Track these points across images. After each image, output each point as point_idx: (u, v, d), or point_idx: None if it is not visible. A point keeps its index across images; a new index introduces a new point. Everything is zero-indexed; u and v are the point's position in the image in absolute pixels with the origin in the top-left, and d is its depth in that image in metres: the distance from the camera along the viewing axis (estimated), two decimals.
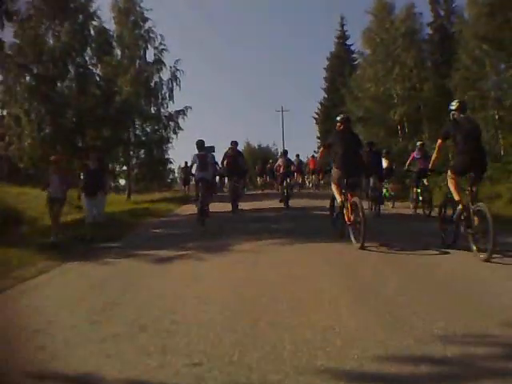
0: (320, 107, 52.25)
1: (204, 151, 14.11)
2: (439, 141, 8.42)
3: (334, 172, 9.50)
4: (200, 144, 14.02)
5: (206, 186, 13.51)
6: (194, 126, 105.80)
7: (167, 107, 28.94)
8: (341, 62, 48.29)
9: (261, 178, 35.71)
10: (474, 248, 7.60)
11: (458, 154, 8.04)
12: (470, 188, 7.84)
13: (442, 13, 33.90)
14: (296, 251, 8.89)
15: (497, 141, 22.43)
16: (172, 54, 42.53)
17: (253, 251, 8.77)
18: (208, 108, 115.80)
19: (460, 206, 7.82)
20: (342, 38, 51.07)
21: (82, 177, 12.47)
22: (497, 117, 22.49)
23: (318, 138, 52.09)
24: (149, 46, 28.81)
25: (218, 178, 27.08)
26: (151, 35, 28.71)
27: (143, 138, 28.29)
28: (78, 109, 22.76)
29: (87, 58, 24.54)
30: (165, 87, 28.95)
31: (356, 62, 45.94)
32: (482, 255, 7.24)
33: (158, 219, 15.61)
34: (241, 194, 17.86)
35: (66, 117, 22.83)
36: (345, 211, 9.10)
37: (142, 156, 28.87)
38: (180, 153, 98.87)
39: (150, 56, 28.85)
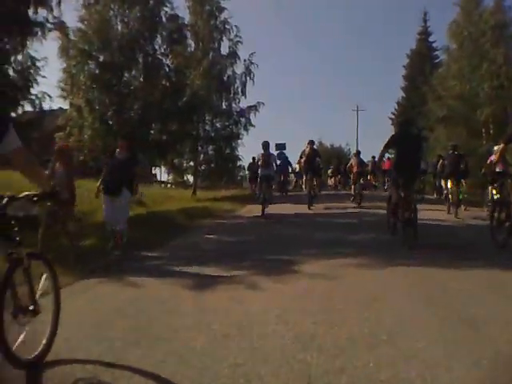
0: (397, 107, 50.01)
1: (268, 152, 15.13)
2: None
3: None
4: (265, 145, 15.06)
5: (268, 184, 14.68)
6: (266, 122, 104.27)
7: (239, 102, 27.70)
8: (422, 60, 46.29)
9: (335, 178, 34.00)
10: None
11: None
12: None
13: None
14: (381, 278, 6.88)
15: None
16: (245, 47, 41.26)
17: (324, 276, 6.75)
18: (281, 105, 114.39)
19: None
20: (425, 34, 48.90)
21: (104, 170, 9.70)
22: None
23: None
24: (224, 37, 27.53)
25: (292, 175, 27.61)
26: (227, 26, 27.34)
27: (212, 134, 27.33)
28: (144, 100, 21.63)
29: (157, 47, 23.35)
30: (238, 81, 27.61)
31: (438, 60, 44.09)
32: None
33: (215, 221, 14.00)
34: (316, 193, 17.84)
35: (132, 108, 21.79)
36: None
37: (211, 152, 27.86)
38: (250, 150, 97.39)
39: (225, 48, 27.65)
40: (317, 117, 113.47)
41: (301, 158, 17.95)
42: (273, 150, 28.45)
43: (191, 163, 27.87)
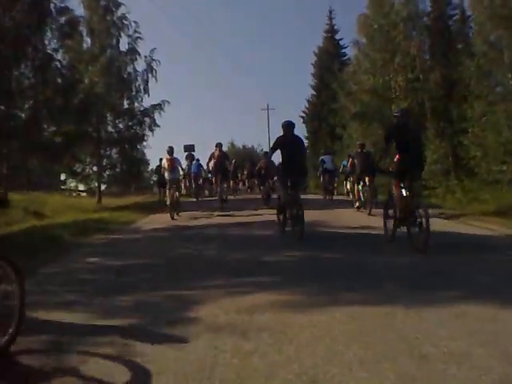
0: (308, 105, 49.31)
1: (173, 156, 15.81)
2: (385, 145, 9.13)
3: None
4: (169, 151, 15.84)
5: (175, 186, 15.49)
6: (174, 123, 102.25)
7: (142, 101, 26.09)
8: (330, 57, 46.20)
9: (249, 181, 32.61)
10: None
11: (399, 156, 8.56)
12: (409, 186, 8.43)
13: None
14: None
15: None
16: (149, 44, 39.20)
17: (232, 333, 4.19)
18: (191, 105, 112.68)
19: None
20: (331, 31, 48.55)
21: None
22: None
23: (306, 137, 49.22)
24: (122, 34, 25.73)
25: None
26: (125, 22, 25.61)
27: (115, 136, 25.38)
28: (34, 99, 19.28)
29: (47, 42, 20.89)
30: (139, 79, 25.97)
31: (346, 58, 44.21)
32: None
33: (109, 236, 11.14)
34: (226, 198, 18.10)
35: (22, 108, 19.42)
36: None
37: (115, 155, 26.01)
38: (158, 152, 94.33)
39: (124, 45, 25.95)
40: (228, 117, 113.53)
41: (209, 161, 17.29)
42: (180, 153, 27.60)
43: (95, 168, 25.60)
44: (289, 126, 10.35)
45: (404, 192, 8.43)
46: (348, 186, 20.91)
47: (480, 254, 7.84)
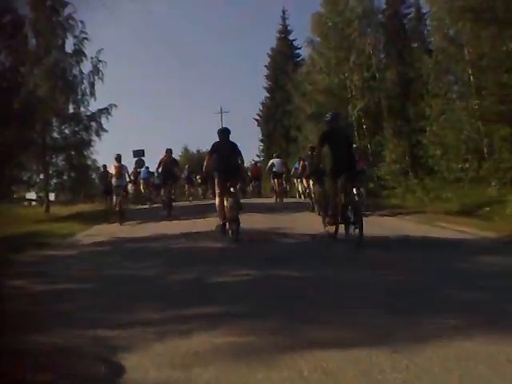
0: (262, 108, 48.53)
1: (120, 163, 16.54)
2: (319, 147, 9.64)
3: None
4: (117, 158, 16.56)
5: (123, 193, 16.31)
6: (123, 127, 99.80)
7: (88, 105, 25.01)
8: (283, 59, 45.69)
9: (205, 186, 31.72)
10: None
11: (331, 159, 9.21)
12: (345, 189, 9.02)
13: None
14: None
15: (480, 134, 18.82)
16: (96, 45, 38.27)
17: None
18: (139, 108, 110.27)
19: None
20: (285, 32, 47.81)
21: None
22: (476, 107, 18.82)
23: (261, 140, 48.52)
24: (68, 34, 24.62)
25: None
26: (71, 23, 24.45)
27: (61, 142, 24.37)
28: None
29: None
30: (85, 82, 24.91)
31: (300, 58, 43.67)
32: None
33: (41, 253, 9.58)
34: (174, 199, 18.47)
35: None
36: None
37: (61, 162, 24.99)
38: (107, 158, 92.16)
39: (70, 46, 24.77)
40: (180, 121, 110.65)
41: (158, 166, 17.18)
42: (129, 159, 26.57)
43: (41, 176, 24.52)
44: (223, 132, 10.96)
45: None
46: (300, 189, 21.92)
47: (467, 260, 7.22)
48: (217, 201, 10.72)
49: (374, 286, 5.78)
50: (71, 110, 24.77)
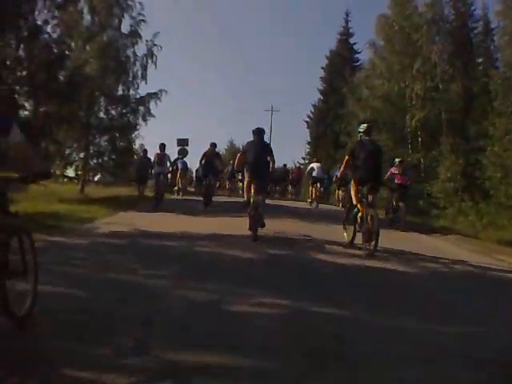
0: (313, 110, 47.45)
1: (163, 151, 17.83)
2: (347, 157, 9.91)
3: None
4: (162, 147, 17.87)
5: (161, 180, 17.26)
6: (168, 114, 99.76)
7: (138, 88, 24.34)
8: (342, 62, 44.89)
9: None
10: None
11: (359, 168, 9.55)
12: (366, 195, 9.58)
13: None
14: None
15: None
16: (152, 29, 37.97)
17: None
18: (189, 97, 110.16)
19: (356, 209, 9.55)
20: (346, 35, 46.88)
21: None
22: None
23: (308, 143, 47.44)
24: (125, 14, 23.93)
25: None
26: (129, 3, 23.78)
27: (107, 122, 23.64)
28: (16, 74, 17.44)
29: (37, 12, 18.90)
30: (138, 64, 24.22)
31: (358, 63, 42.74)
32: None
33: (48, 238, 8.32)
34: (214, 193, 18.00)
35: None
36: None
37: (104, 143, 24.09)
38: (149, 143, 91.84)
39: (126, 27, 24.14)
40: (229, 115, 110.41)
41: (202, 159, 17.09)
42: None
43: (81, 155, 23.71)
44: (258, 132, 11.19)
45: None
46: (338, 197, 22.03)
47: None
48: (245, 184, 11.25)
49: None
50: (120, 92, 24.12)
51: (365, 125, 10.26)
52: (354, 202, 9.54)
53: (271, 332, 4.41)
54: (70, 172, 26.84)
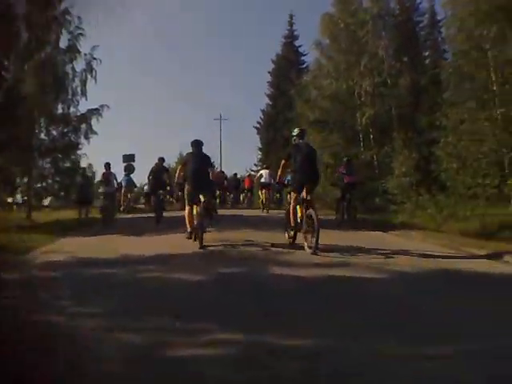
0: (262, 116, 46.98)
1: (109, 170, 18.28)
2: (283, 161, 10.48)
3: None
4: (107, 166, 18.34)
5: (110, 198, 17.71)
6: (114, 130, 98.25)
7: (78, 105, 23.16)
8: (288, 65, 44.37)
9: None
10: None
11: (296, 172, 10.15)
12: (305, 197, 9.78)
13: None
14: None
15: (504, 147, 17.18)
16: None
17: None
18: (132, 111, 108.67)
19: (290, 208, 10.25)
20: (291, 37, 46.50)
21: None
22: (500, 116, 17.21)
23: (260, 149, 46.92)
24: (63, 30, 22.83)
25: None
26: (67, 18, 22.66)
27: (48, 144, 22.60)
28: None
29: None
30: (77, 80, 23.08)
31: (305, 66, 42.34)
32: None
33: None
34: (163, 208, 17.75)
35: None
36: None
37: (47, 165, 23.14)
38: (96, 162, 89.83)
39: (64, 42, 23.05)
40: (176, 126, 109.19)
41: (149, 175, 17.15)
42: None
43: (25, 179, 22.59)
44: (197, 144, 11.41)
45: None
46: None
47: None
48: (186, 209, 11.06)
49: None
50: (60, 111, 23.06)
51: (297, 129, 10.86)
52: (292, 204, 10.09)
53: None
54: (18, 198, 25.79)
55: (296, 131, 10.67)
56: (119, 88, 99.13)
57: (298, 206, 9.91)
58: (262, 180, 21.77)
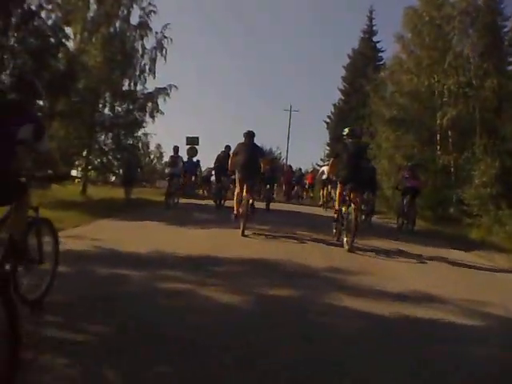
0: (334, 110, 45.61)
1: (177, 154, 18.79)
2: (332, 159, 11.30)
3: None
4: (176, 149, 18.96)
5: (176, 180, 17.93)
6: (178, 111, 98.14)
7: (145, 83, 22.93)
8: (364, 60, 42.73)
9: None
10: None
11: (342, 169, 10.38)
12: (350, 195, 10.15)
13: None
14: None
15: None
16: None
17: None
18: (202, 93, 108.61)
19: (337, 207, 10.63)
20: (369, 33, 45.05)
21: None
22: None
23: (328, 144, 45.57)
24: (134, 5, 22.57)
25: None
26: None
27: (111, 119, 22.26)
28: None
29: None
30: (146, 58, 22.91)
31: (381, 62, 40.61)
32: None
33: None
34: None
35: None
36: None
37: (108, 141, 22.65)
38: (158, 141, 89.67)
39: (135, 18, 22.88)
40: (245, 114, 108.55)
41: (216, 161, 17.58)
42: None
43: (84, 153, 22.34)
44: (249, 135, 11.78)
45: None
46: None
47: None
48: (235, 192, 11.65)
49: None
50: (126, 87, 22.74)
51: (347, 129, 11.03)
52: (337, 201, 10.62)
53: None
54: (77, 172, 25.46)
55: (346, 131, 10.94)
56: (185, 68, 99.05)
57: (341, 203, 10.40)
58: (324, 177, 20.83)
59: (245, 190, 11.14)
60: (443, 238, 13.59)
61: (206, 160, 51.92)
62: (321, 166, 27.74)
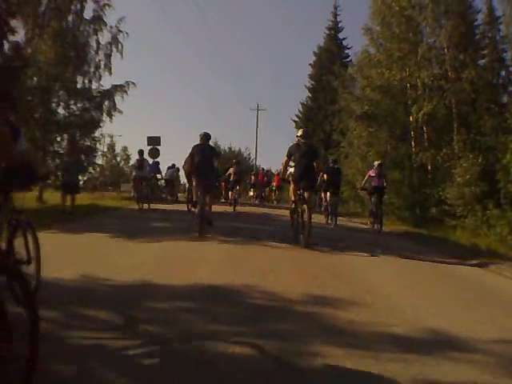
0: (302, 109, 44.69)
1: (142, 157, 18.54)
2: (285, 158, 11.14)
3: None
4: (140, 152, 18.65)
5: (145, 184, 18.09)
6: (139, 111, 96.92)
7: (100, 79, 22.25)
8: (330, 58, 41.83)
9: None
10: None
11: (294, 169, 10.84)
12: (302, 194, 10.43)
13: None
14: None
15: None
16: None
17: None
18: (163, 91, 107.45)
19: (293, 205, 10.82)
20: (334, 29, 44.00)
21: None
22: None
23: None
24: None
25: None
26: None
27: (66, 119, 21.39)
28: None
29: None
30: (101, 53, 22.25)
31: (348, 59, 39.96)
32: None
33: None
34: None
35: None
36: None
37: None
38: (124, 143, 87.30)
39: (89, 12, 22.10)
40: (210, 113, 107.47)
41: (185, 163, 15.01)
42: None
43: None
44: (204, 136, 11.99)
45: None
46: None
47: None
48: (194, 196, 12.41)
49: None
50: (80, 85, 21.87)
51: (301, 130, 11.40)
52: (292, 199, 10.86)
53: None
54: None
55: (299, 132, 11.18)
56: (145, 64, 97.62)
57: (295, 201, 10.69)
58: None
59: (199, 193, 11.36)
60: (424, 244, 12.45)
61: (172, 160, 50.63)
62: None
